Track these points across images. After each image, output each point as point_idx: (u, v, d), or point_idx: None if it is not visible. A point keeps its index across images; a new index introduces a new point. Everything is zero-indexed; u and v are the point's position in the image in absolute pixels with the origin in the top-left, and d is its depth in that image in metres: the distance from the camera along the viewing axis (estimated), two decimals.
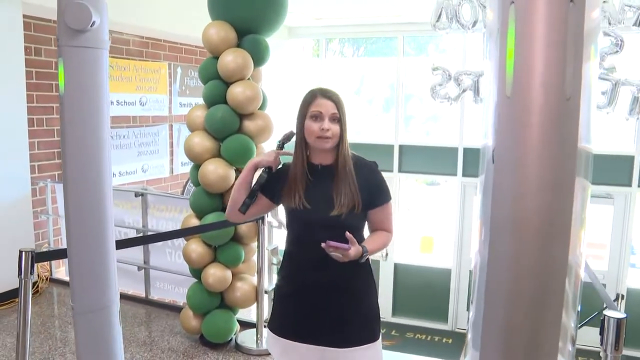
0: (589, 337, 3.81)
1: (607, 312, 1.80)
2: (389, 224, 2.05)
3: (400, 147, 8.49)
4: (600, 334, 1.81)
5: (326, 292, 1.97)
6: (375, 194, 2.00)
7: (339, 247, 1.82)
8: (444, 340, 8.09)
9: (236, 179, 3.41)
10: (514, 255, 0.93)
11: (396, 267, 8.68)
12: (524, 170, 0.85)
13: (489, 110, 0.92)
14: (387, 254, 8.52)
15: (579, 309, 1.08)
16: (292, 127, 2.05)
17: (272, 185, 2.04)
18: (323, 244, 1.81)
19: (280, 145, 2.07)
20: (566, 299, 0.97)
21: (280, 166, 2.07)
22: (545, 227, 0.89)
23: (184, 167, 6.92)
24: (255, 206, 2.07)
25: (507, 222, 0.92)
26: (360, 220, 1.99)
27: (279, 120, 3.73)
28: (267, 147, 3.74)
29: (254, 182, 2.04)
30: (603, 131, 7.18)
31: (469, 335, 1.09)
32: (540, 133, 0.82)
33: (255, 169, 2.05)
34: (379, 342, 2.04)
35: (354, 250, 1.85)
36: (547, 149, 0.83)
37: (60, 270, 5.02)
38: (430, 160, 8.41)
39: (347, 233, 1.85)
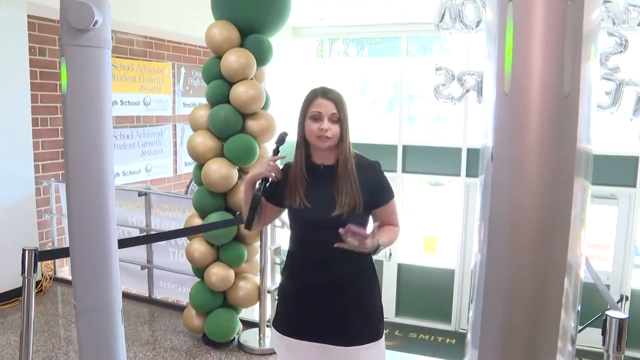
0: (593, 338, 3.80)
1: (609, 313, 1.80)
2: (395, 219, 2.05)
3: (404, 147, 8.48)
4: (602, 334, 1.80)
5: (329, 292, 1.97)
6: (378, 194, 2.00)
7: (358, 233, 1.77)
8: (447, 340, 8.08)
9: (239, 178, 3.43)
10: (512, 255, 0.93)
11: (400, 267, 8.67)
12: (522, 168, 0.85)
13: (488, 110, 0.92)
14: (390, 254, 8.52)
15: (579, 309, 1.07)
16: (295, 127, 2.05)
17: (275, 189, 2.04)
18: (341, 230, 1.77)
19: (276, 150, 2.06)
20: (565, 298, 0.97)
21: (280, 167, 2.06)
22: (543, 226, 0.89)
23: (188, 167, 6.93)
24: (265, 215, 2.10)
25: (505, 221, 0.92)
26: (362, 220, 1.98)
27: (282, 120, 3.73)
28: (270, 146, 3.74)
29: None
30: (607, 132, 7.16)
31: (469, 335, 1.09)
32: (538, 130, 0.82)
33: (254, 182, 2.04)
34: (382, 341, 2.04)
35: (370, 241, 1.81)
36: (545, 146, 0.83)
37: (64, 269, 5.03)
38: (434, 160, 8.40)
39: (375, 224, 1.83)
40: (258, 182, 2.03)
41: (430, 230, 8.97)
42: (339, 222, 1.89)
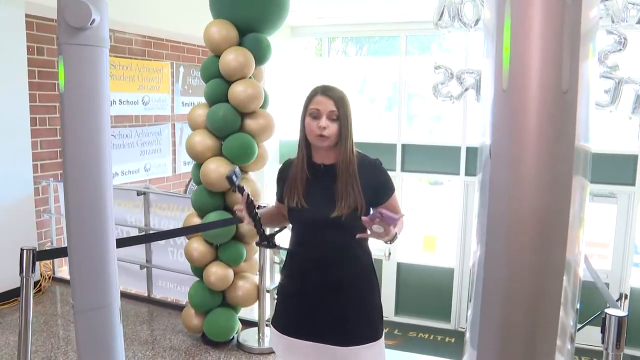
0: (592, 337, 3.80)
1: (608, 311, 1.80)
2: (399, 209, 2.03)
3: (403, 146, 8.48)
4: (601, 332, 1.80)
5: (329, 292, 1.96)
6: (380, 192, 1.99)
7: (390, 217, 1.71)
8: (447, 339, 8.08)
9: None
10: (511, 253, 0.92)
11: (399, 266, 8.67)
12: (520, 165, 0.84)
13: (486, 107, 0.92)
14: (390, 253, 8.52)
15: (579, 307, 1.07)
16: (295, 126, 2.05)
17: (282, 189, 2.05)
18: (365, 217, 1.74)
19: (240, 189, 2.01)
20: (564, 297, 0.97)
21: (250, 197, 2.02)
22: (542, 225, 0.89)
23: (187, 166, 6.93)
24: (283, 216, 2.11)
25: (503, 220, 0.92)
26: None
27: (280, 119, 3.73)
28: (269, 145, 3.73)
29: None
30: (606, 130, 7.16)
31: (468, 334, 1.09)
32: (537, 126, 0.82)
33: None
34: (382, 341, 2.04)
35: (394, 228, 1.78)
36: (544, 143, 0.83)
37: (63, 269, 5.03)
38: (433, 159, 8.40)
39: (399, 214, 1.81)
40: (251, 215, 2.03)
41: (430, 229, 8.98)
42: (339, 223, 1.88)
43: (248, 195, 1.98)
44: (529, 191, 0.87)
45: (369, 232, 1.79)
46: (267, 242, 2.18)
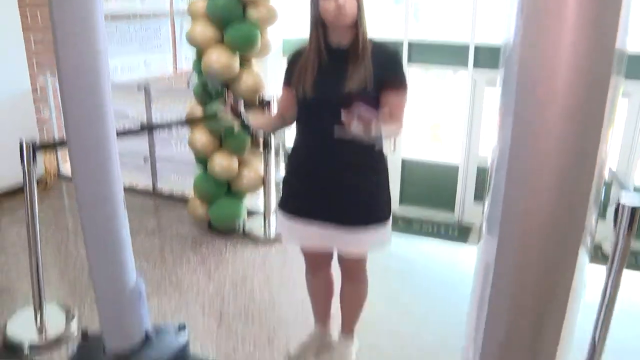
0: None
1: (623, 197, 1.77)
2: (400, 113, 1.92)
3: (410, 44, 8.18)
4: (614, 215, 1.78)
5: (336, 172, 1.94)
6: (390, 73, 1.89)
7: (366, 115, 1.61)
8: (450, 232, 8.25)
9: (241, 65, 3.31)
10: (538, 146, 0.86)
11: (404, 163, 8.67)
12: (555, 37, 0.74)
13: None
14: (394, 147, 8.47)
15: (601, 202, 1.03)
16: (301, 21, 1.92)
17: (292, 73, 1.96)
18: (344, 114, 1.63)
19: (217, 92, 1.95)
20: (592, 195, 0.92)
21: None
22: (574, 120, 0.81)
23: (188, 61, 6.71)
24: (286, 101, 2.04)
25: (531, 113, 0.84)
26: (372, 101, 1.80)
27: (283, 10, 3.55)
28: (271, 33, 3.56)
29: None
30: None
31: (485, 224, 1.05)
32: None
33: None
34: (389, 223, 2.04)
35: (375, 128, 1.64)
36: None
37: (69, 165, 5.01)
38: (441, 57, 8.15)
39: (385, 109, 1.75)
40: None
41: (436, 120, 8.89)
42: (348, 101, 1.78)
43: (232, 98, 1.95)
44: (565, 68, 0.78)
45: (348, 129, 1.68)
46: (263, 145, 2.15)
